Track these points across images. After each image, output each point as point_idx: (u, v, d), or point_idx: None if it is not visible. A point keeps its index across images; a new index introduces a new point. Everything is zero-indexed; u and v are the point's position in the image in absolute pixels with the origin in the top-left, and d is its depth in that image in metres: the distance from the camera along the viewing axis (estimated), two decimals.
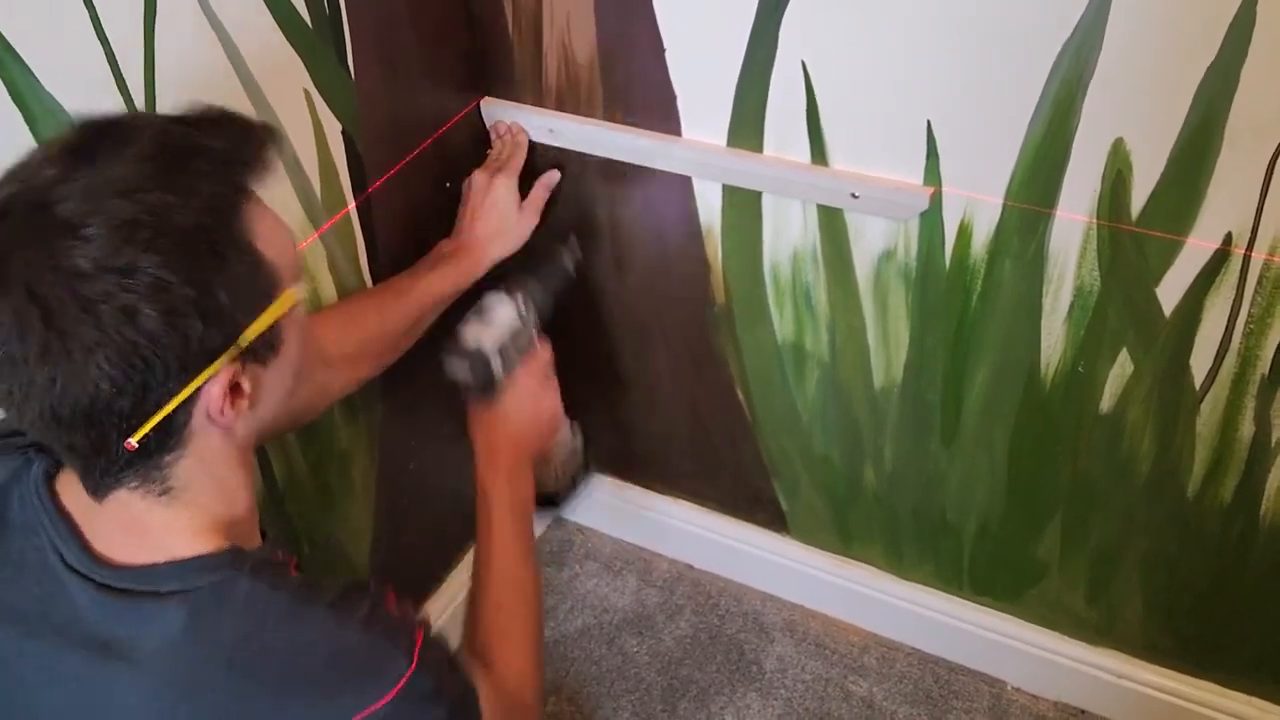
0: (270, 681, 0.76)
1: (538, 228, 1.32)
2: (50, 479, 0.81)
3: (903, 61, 1.06)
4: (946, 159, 1.11)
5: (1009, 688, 1.61)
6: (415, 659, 0.79)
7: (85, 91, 0.86)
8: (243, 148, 0.75)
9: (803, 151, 1.18)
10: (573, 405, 1.69)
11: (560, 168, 1.35)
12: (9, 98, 0.81)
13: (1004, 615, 1.55)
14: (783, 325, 1.36)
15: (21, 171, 0.70)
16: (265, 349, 0.76)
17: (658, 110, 1.23)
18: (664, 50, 1.18)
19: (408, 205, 1.27)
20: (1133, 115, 1.00)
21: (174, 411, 0.71)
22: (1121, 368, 1.18)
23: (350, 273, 1.22)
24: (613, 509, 1.81)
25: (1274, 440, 1.16)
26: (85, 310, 0.66)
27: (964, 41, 1.02)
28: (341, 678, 0.77)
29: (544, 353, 1.24)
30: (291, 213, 1.10)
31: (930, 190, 1.14)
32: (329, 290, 1.19)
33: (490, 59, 1.30)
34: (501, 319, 1.20)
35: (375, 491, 1.40)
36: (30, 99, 0.82)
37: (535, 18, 1.24)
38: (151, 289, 0.67)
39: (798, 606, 1.74)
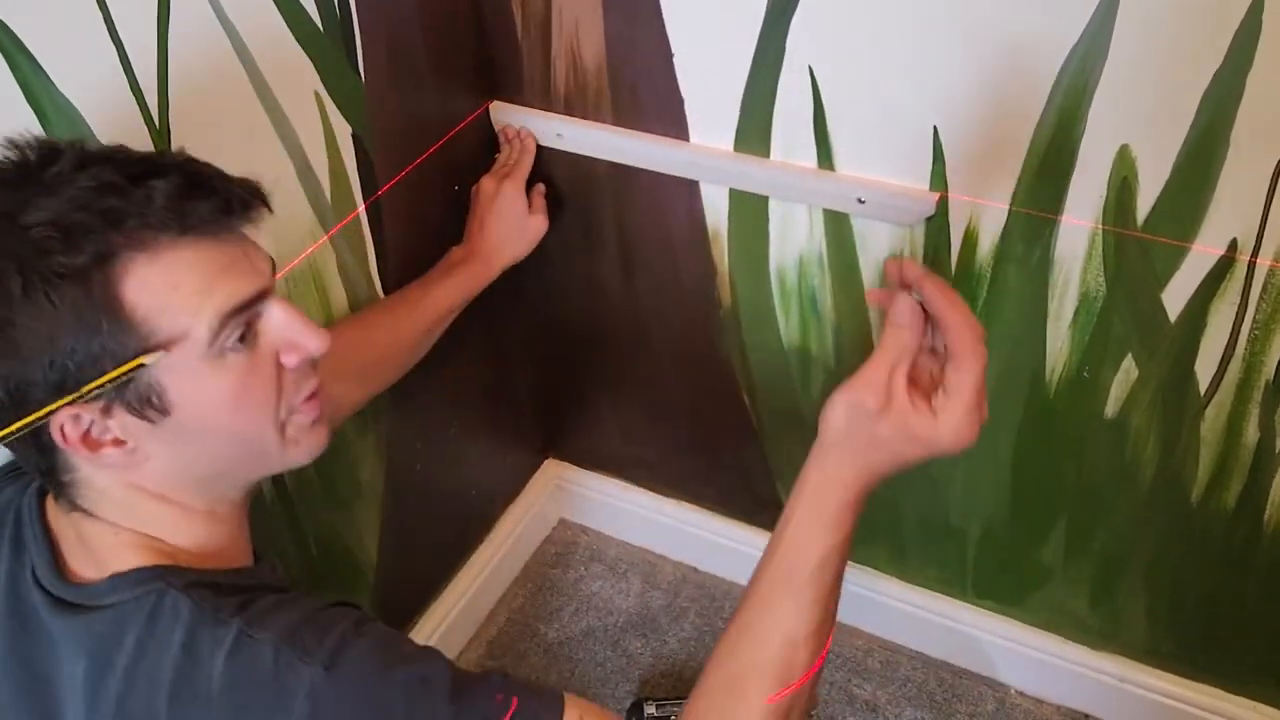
0: (198, 698, 0.73)
1: (548, 232, 1.34)
2: (41, 498, 0.82)
3: (909, 67, 1.07)
4: (952, 164, 1.12)
5: (1012, 692, 1.62)
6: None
7: (98, 92, 0.87)
8: (166, 199, 0.70)
9: (809, 156, 1.19)
10: (578, 404, 1.70)
11: (568, 172, 1.36)
12: (23, 98, 0.82)
13: (1007, 619, 1.55)
14: (788, 329, 1.37)
15: None
16: (139, 403, 0.72)
17: (665, 115, 1.24)
18: (672, 55, 1.19)
19: (416, 208, 1.28)
20: (1138, 122, 1.00)
21: (35, 430, 0.71)
22: (1126, 373, 1.18)
23: (359, 275, 1.22)
24: (617, 511, 1.81)
25: (1278, 446, 1.16)
26: None
27: (971, 48, 1.03)
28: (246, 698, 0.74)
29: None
30: (301, 216, 1.11)
31: (936, 195, 1.14)
32: (339, 293, 1.20)
33: (499, 63, 1.31)
34: None
35: (383, 494, 1.41)
36: (44, 99, 0.83)
37: (544, 22, 1.24)
38: None
39: None
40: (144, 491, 0.78)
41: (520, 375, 1.67)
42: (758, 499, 1.63)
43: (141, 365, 0.70)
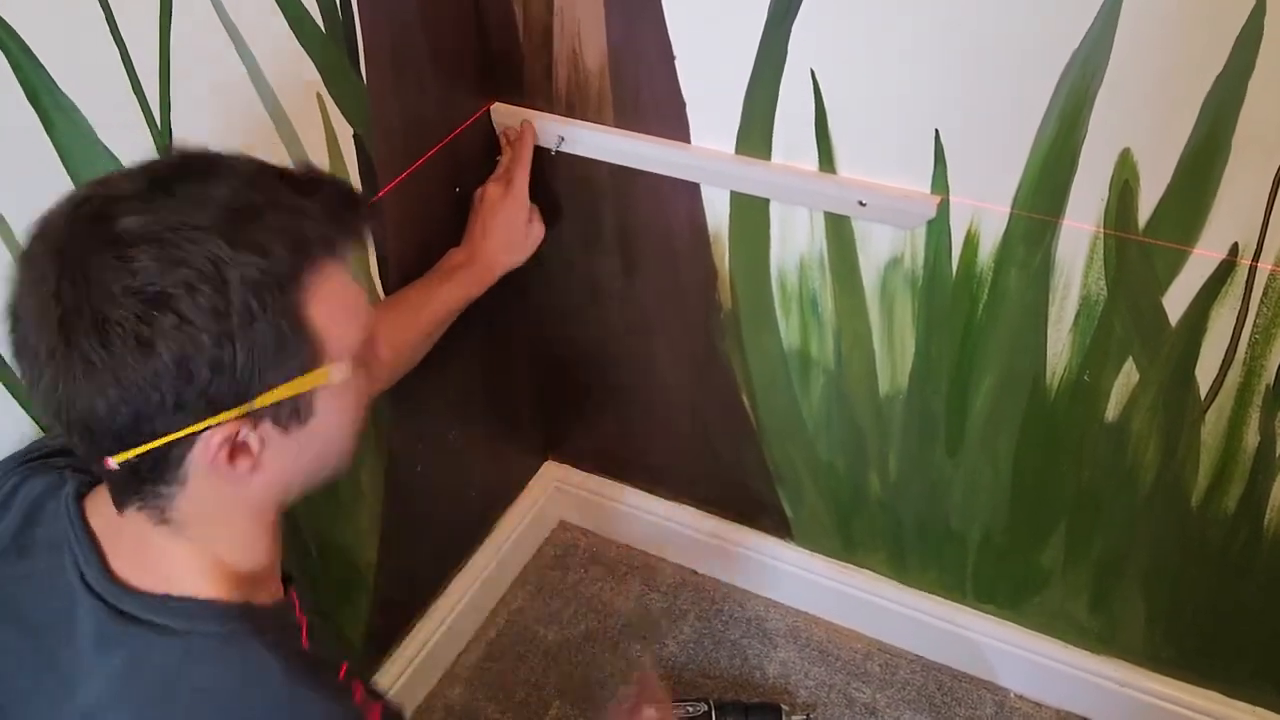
0: None
1: (549, 234, 1.35)
2: (81, 497, 0.80)
3: (911, 70, 1.07)
4: (954, 168, 1.12)
5: (1012, 695, 1.61)
6: None
7: (100, 92, 0.87)
8: (331, 215, 0.73)
9: (811, 159, 1.19)
10: (577, 406, 1.70)
11: (569, 174, 1.36)
12: (25, 98, 0.82)
13: (1007, 623, 1.55)
14: (789, 331, 1.37)
15: (108, 180, 0.71)
16: (288, 415, 0.73)
17: (667, 117, 1.24)
18: (674, 58, 1.19)
19: (418, 209, 1.28)
20: (1140, 125, 1.00)
21: (168, 446, 0.70)
22: (1127, 377, 1.18)
23: (359, 276, 1.22)
24: (617, 514, 1.81)
25: (1278, 451, 1.16)
26: (98, 329, 0.65)
27: (972, 51, 1.03)
28: None
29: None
30: None
31: (937, 199, 1.14)
32: None
33: (501, 65, 1.31)
34: None
35: (383, 495, 1.41)
36: (46, 100, 0.83)
37: (545, 25, 1.24)
38: (170, 329, 0.66)
39: (801, 613, 1.74)
40: (237, 509, 0.77)
41: (521, 377, 1.67)
42: (757, 502, 1.63)
43: (325, 380, 0.73)
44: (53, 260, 0.67)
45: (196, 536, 0.77)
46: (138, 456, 0.70)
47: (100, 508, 0.79)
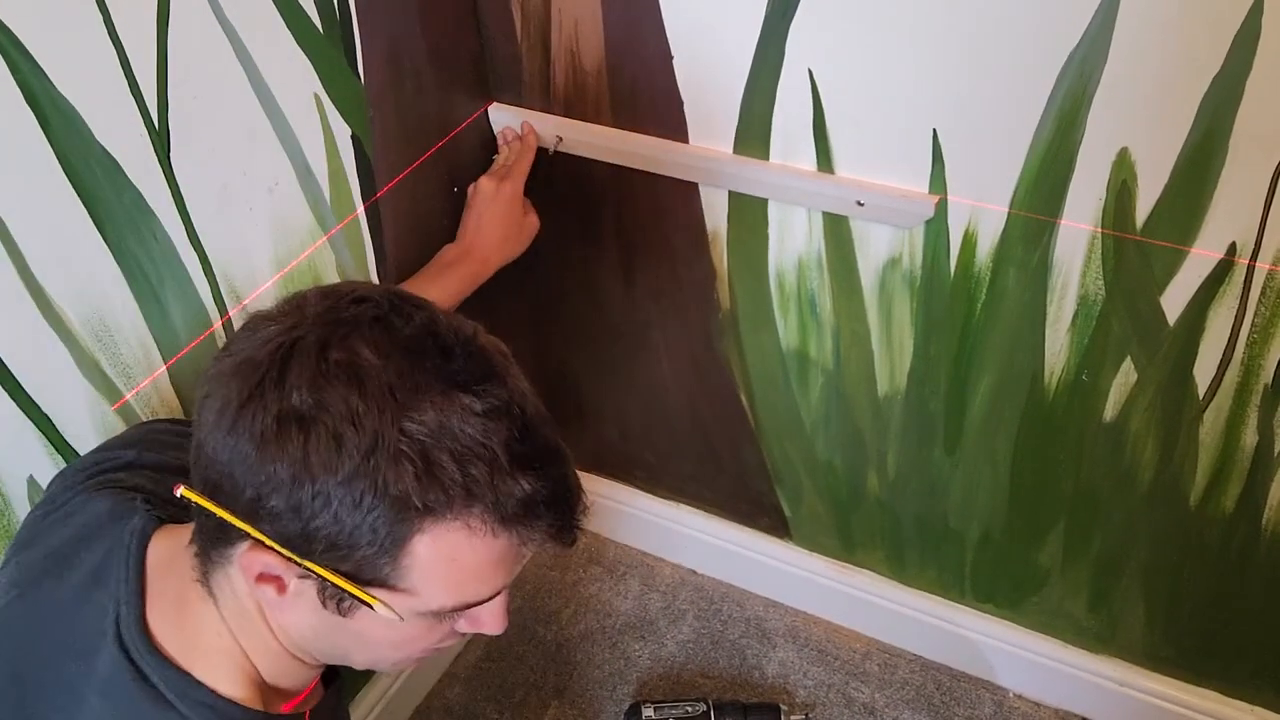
0: None
1: (547, 234, 1.34)
2: (146, 535, 0.79)
3: (909, 70, 1.07)
4: (952, 167, 1.12)
5: (1010, 695, 1.62)
6: None
7: (98, 94, 0.87)
8: (525, 502, 0.69)
9: (809, 159, 1.19)
10: (576, 407, 1.70)
11: (567, 174, 1.36)
12: (22, 99, 0.81)
13: (1006, 622, 1.55)
14: (787, 331, 1.37)
15: (407, 301, 0.71)
16: (330, 596, 0.71)
17: (665, 117, 1.24)
18: (671, 57, 1.19)
19: (415, 210, 1.28)
20: (1138, 125, 1.00)
21: (224, 523, 0.69)
22: (1125, 376, 1.19)
23: (358, 277, 1.22)
24: (616, 514, 1.81)
25: (1276, 450, 1.16)
26: (252, 399, 0.66)
27: (970, 51, 1.03)
28: None
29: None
30: (301, 217, 1.11)
31: (935, 198, 1.14)
32: None
33: (498, 65, 1.31)
34: None
35: None
36: (44, 100, 0.83)
37: (543, 24, 1.24)
38: (291, 450, 0.65)
39: (800, 612, 1.74)
40: (267, 625, 0.76)
41: None
42: (756, 501, 1.63)
43: (372, 604, 0.70)
44: (290, 316, 0.69)
45: (231, 622, 0.76)
46: (199, 507, 0.70)
47: (160, 549, 0.79)
